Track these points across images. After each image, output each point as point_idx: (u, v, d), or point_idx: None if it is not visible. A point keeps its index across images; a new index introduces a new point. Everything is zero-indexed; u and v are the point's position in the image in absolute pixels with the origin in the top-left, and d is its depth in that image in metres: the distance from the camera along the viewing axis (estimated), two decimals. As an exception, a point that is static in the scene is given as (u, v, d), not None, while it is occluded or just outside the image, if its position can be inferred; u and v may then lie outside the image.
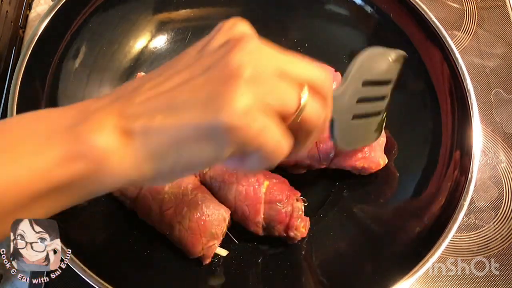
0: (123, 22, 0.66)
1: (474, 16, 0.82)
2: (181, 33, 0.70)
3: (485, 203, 0.65)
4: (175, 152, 0.29)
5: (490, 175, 0.67)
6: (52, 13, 0.57)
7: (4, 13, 0.67)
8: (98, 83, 0.63)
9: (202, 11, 0.71)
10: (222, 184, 0.55)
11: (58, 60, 0.58)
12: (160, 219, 0.53)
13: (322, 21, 0.70)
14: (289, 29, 0.70)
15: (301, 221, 0.54)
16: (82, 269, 0.45)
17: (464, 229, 0.63)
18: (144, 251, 0.54)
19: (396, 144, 0.61)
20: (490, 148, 0.69)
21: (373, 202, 0.59)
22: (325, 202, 0.60)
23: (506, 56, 0.78)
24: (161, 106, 0.29)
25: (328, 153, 0.57)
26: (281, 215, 0.53)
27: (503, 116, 0.72)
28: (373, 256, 0.54)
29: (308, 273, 0.55)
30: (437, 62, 0.60)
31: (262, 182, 0.55)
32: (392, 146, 0.60)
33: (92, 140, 0.28)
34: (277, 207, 0.54)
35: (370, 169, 0.58)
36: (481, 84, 0.75)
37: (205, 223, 0.52)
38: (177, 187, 0.53)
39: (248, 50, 0.29)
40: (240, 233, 0.56)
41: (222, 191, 0.55)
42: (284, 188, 0.56)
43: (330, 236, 0.57)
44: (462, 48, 0.78)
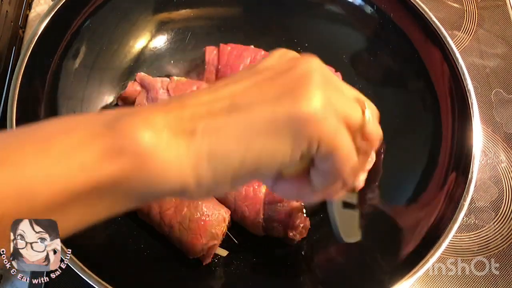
0: (123, 22, 0.66)
1: (474, 16, 0.81)
2: (181, 33, 0.70)
3: (485, 203, 0.65)
4: (243, 149, 0.26)
5: (490, 175, 0.67)
6: (52, 13, 0.57)
7: (4, 13, 0.67)
8: (98, 83, 0.63)
9: (202, 11, 0.71)
10: None
11: (58, 60, 0.58)
12: (160, 219, 0.53)
13: (322, 21, 0.70)
14: (289, 29, 0.70)
15: (301, 222, 0.54)
16: (82, 269, 0.45)
17: (464, 229, 0.63)
18: (144, 251, 0.54)
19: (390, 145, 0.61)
20: (491, 148, 0.69)
21: (372, 202, 0.59)
22: (325, 202, 0.60)
23: (506, 56, 0.78)
24: (223, 105, 0.26)
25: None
26: (280, 216, 0.53)
27: (503, 116, 0.72)
28: (373, 256, 0.54)
29: (308, 273, 0.55)
30: (437, 62, 0.60)
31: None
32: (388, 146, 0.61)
33: (137, 134, 0.24)
34: (277, 207, 0.54)
35: None
36: (481, 84, 0.75)
37: (205, 223, 0.52)
38: (177, 187, 0.53)
39: (313, 61, 0.29)
40: (240, 234, 0.56)
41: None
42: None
43: (330, 237, 0.57)
44: (462, 48, 0.78)
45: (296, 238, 0.54)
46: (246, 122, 0.26)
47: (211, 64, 0.64)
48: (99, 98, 0.64)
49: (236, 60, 0.63)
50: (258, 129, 0.26)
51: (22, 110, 0.52)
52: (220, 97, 0.27)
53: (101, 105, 0.63)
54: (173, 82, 0.61)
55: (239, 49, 0.64)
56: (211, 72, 0.64)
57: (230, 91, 0.27)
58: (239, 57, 0.63)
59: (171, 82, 0.61)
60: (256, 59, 0.63)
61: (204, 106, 0.26)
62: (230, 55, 0.63)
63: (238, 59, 0.63)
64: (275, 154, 0.26)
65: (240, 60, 0.63)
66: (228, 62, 0.63)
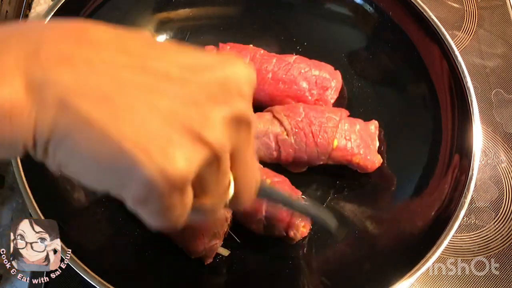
0: (123, 22, 0.66)
1: (474, 16, 0.82)
2: (180, 33, 0.70)
3: (486, 203, 0.65)
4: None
5: (490, 175, 0.67)
6: (52, 13, 0.57)
7: (4, 13, 0.67)
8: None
9: (201, 10, 0.71)
10: None
11: (58, 60, 0.58)
12: None
13: (321, 20, 0.70)
14: (288, 28, 0.70)
15: (302, 220, 0.54)
16: (83, 269, 0.45)
17: (464, 229, 0.63)
18: (145, 252, 0.54)
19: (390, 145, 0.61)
20: (491, 148, 0.69)
21: (373, 201, 0.59)
22: (325, 202, 0.60)
23: (506, 56, 0.78)
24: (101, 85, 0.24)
25: (326, 147, 0.57)
26: (282, 214, 0.54)
27: (503, 116, 0.72)
28: (374, 254, 0.54)
29: (309, 272, 0.55)
30: (436, 60, 0.60)
31: (264, 180, 0.55)
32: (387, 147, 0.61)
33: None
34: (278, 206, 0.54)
35: (366, 167, 0.58)
36: (481, 84, 0.75)
37: (207, 223, 0.52)
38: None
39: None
40: (242, 233, 0.56)
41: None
42: (285, 187, 0.56)
43: (330, 236, 0.57)
44: (463, 48, 0.78)
45: (296, 237, 0.54)
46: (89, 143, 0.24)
47: (210, 64, 0.64)
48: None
49: (236, 59, 0.63)
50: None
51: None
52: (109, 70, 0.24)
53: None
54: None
55: (239, 48, 0.64)
56: (210, 71, 0.64)
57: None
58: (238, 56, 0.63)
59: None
60: (256, 57, 0.63)
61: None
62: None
63: (237, 59, 0.63)
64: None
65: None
66: (228, 62, 0.63)
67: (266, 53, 0.65)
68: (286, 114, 0.58)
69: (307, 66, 0.63)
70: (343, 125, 0.58)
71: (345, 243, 0.56)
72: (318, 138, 0.57)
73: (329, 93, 0.63)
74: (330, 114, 0.59)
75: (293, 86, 0.62)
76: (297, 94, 0.63)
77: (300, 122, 0.57)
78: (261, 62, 0.63)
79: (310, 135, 0.57)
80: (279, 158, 0.58)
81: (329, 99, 0.63)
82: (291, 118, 0.58)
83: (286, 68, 0.63)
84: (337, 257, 0.55)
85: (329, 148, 0.57)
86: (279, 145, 0.58)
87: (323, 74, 0.63)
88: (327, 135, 0.57)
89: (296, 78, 0.62)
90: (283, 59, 0.64)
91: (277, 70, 0.63)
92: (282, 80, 0.62)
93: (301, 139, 0.57)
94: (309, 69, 0.63)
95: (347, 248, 0.55)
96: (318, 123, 0.58)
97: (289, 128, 0.57)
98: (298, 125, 0.57)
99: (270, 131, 0.58)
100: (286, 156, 0.58)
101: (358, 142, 0.58)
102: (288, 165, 0.60)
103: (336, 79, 0.64)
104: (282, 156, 0.58)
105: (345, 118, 0.60)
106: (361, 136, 0.59)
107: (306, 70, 0.63)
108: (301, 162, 0.59)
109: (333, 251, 0.56)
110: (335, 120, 0.58)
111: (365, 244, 0.55)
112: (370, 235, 0.56)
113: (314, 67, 0.64)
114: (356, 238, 0.56)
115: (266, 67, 0.63)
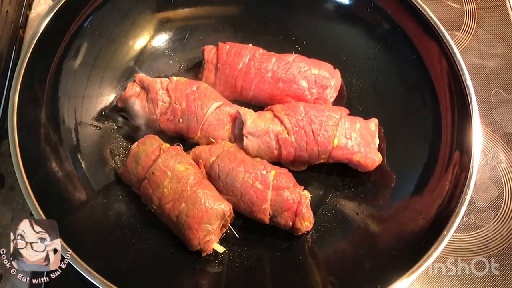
0: (122, 21, 0.66)
1: (474, 16, 0.82)
2: (179, 33, 0.70)
3: (485, 203, 0.65)
4: None
5: (490, 175, 0.67)
6: (52, 13, 0.57)
7: (4, 13, 0.67)
8: (98, 83, 0.64)
9: (201, 10, 0.71)
10: (230, 171, 0.56)
11: (58, 60, 0.58)
12: (160, 212, 0.54)
13: (320, 19, 0.70)
14: (288, 27, 0.71)
15: (308, 211, 0.54)
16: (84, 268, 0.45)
17: (464, 229, 0.63)
18: (148, 251, 0.54)
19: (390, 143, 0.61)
20: (490, 148, 0.70)
21: (374, 199, 0.59)
22: (326, 200, 0.60)
23: (506, 56, 0.78)
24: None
25: (327, 146, 0.57)
26: (288, 202, 0.54)
27: (503, 116, 0.72)
28: (376, 252, 0.54)
29: (311, 269, 0.55)
30: (435, 57, 0.60)
31: (269, 170, 0.56)
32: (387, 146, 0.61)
33: None
34: (285, 194, 0.54)
35: (366, 166, 0.58)
36: (481, 84, 0.75)
37: (201, 219, 0.52)
38: (176, 182, 0.54)
39: None
40: (244, 229, 0.57)
41: (229, 178, 0.56)
42: (290, 177, 0.56)
43: (332, 233, 0.57)
44: (462, 48, 0.78)
45: (302, 228, 0.54)
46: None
47: (210, 63, 0.64)
48: (99, 98, 0.64)
49: (235, 58, 0.63)
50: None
51: (22, 110, 0.52)
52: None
53: (101, 106, 0.64)
54: (173, 83, 0.61)
55: (238, 47, 0.64)
56: (210, 71, 0.64)
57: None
58: (238, 56, 0.63)
59: (171, 83, 0.61)
60: (255, 57, 0.63)
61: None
62: (229, 53, 0.63)
63: (237, 58, 0.63)
64: None
65: (239, 58, 0.63)
66: (227, 61, 0.63)
67: (265, 52, 0.65)
68: (286, 112, 0.58)
69: (307, 65, 0.64)
70: (344, 124, 0.58)
71: (346, 240, 0.56)
72: (318, 136, 0.57)
73: (328, 92, 0.63)
74: (330, 112, 0.59)
75: (293, 85, 0.62)
76: (297, 93, 0.63)
77: (301, 121, 0.57)
78: (261, 61, 0.63)
79: (310, 134, 0.57)
80: (279, 156, 0.59)
81: (329, 97, 0.63)
82: (292, 116, 0.58)
83: (286, 67, 0.63)
84: (338, 254, 0.55)
85: (329, 146, 0.57)
86: (279, 144, 0.58)
87: (323, 73, 0.63)
88: (327, 133, 0.57)
89: (296, 77, 0.63)
90: (282, 58, 0.64)
91: (276, 69, 0.63)
92: (282, 79, 0.62)
93: (301, 138, 0.57)
94: (309, 68, 0.63)
95: (349, 246, 0.55)
96: (319, 121, 0.58)
97: (290, 126, 0.57)
98: (298, 123, 0.57)
99: (271, 130, 0.58)
100: (286, 155, 0.58)
101: (358, 140, 0.58)
102: (289, 163, 0.60)
103: (336, 77, 0.64)
104: (283, 155, 0.58)
105: (346, 117, 0.60)
106: (361, 135, 0.59)
107: (305, 69, 0.63)
108: (302, 161, 0.59)
109: (335, 249, 0.56)
110: (336, 119, 0.58)
111: (366, 242, 0.55)
112: (371, 233, 0.56)
113: (313, 66, 0.64)
114: (357, 236, 0.56)
115: (266, 66, 0.63)
